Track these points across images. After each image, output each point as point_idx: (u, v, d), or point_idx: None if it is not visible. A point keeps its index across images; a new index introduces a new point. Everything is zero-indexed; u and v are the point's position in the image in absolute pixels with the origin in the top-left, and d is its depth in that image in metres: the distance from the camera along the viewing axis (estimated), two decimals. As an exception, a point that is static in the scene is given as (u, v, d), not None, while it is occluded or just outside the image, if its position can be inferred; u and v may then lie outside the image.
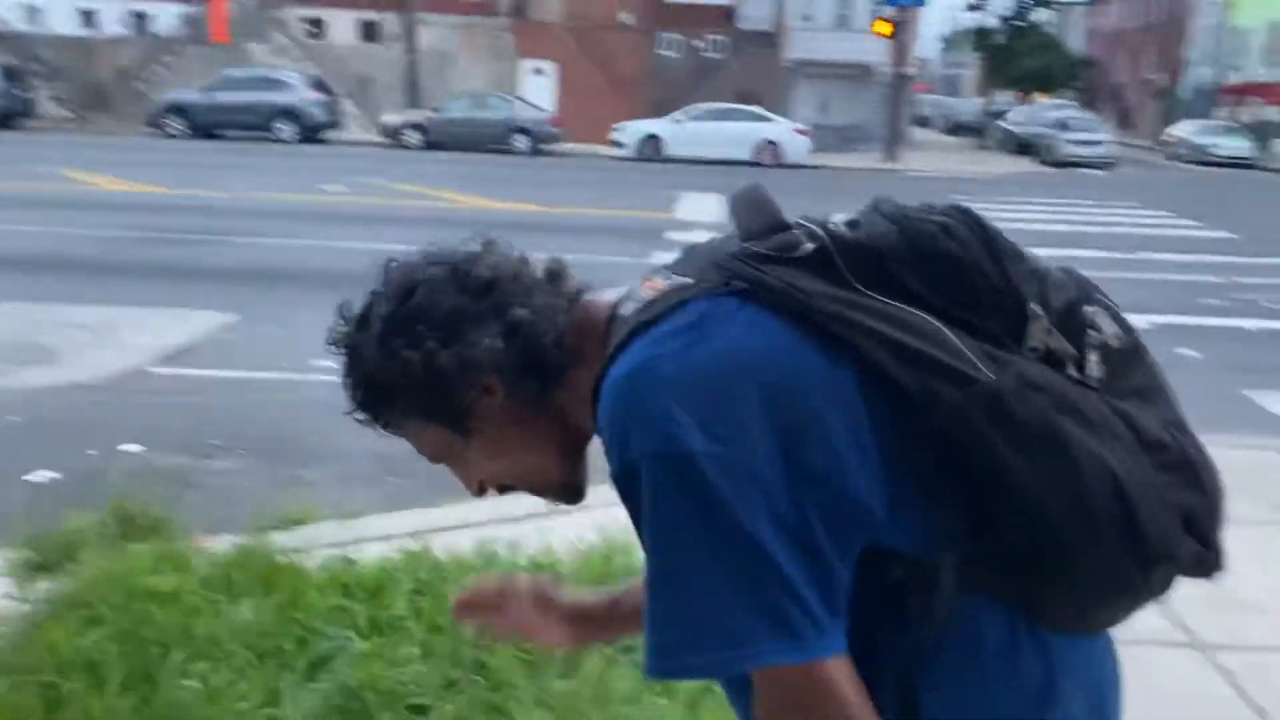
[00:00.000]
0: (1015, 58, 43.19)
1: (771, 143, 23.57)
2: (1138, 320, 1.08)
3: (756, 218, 1.01)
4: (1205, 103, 42.11)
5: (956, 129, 46.76)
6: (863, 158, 27.50)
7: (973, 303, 0.96)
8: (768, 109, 25.63)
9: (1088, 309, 1.02)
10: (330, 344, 1.10)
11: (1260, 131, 33.64)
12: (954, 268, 0.97)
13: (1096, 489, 0.91)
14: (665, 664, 0.93)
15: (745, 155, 22.66)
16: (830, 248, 0.97)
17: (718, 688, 1.42)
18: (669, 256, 1.10)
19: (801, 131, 24.39)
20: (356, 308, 1.09)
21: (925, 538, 0.93)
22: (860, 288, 0.95)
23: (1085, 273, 1.07)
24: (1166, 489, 0.95)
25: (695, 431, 0.88)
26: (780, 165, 22.51)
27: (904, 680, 0.95)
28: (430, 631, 2.74)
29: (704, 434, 0.88)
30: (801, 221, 1.01)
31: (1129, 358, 1.02)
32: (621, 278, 1.12)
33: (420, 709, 2.48)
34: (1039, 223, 14.56)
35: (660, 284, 1.00)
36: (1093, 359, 0.99)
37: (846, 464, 0.90)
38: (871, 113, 30.25)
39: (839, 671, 0.89)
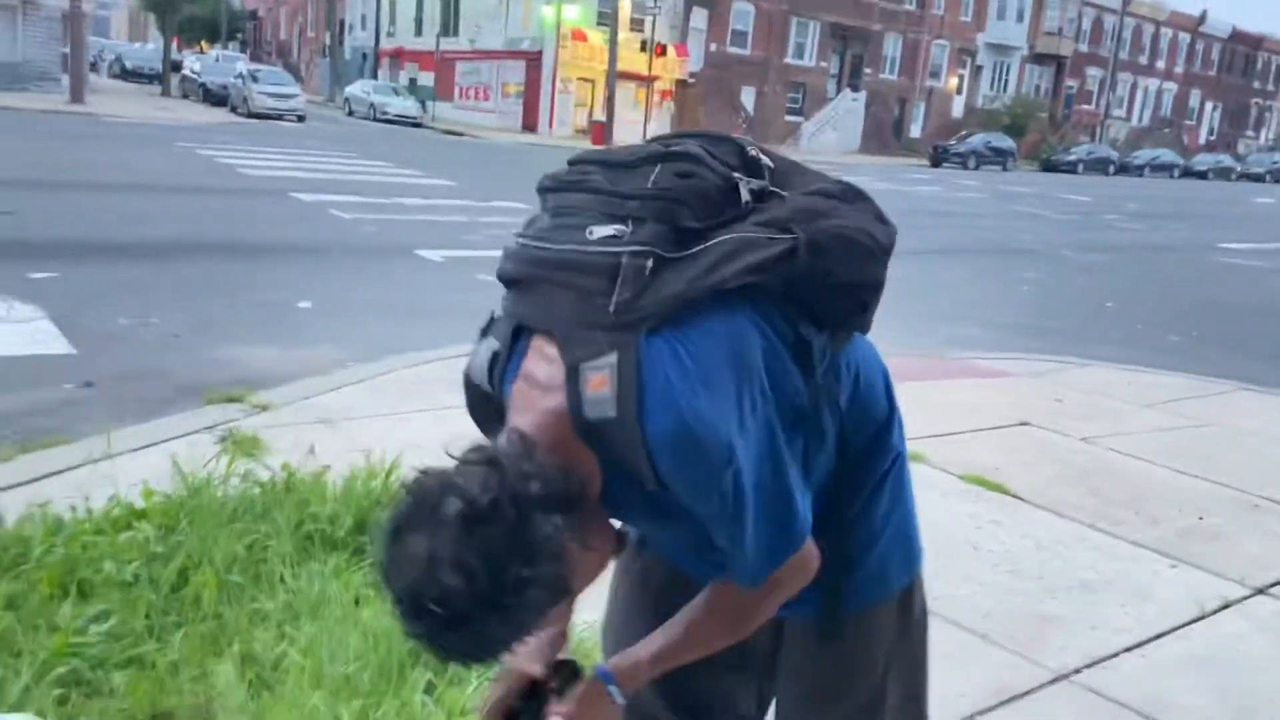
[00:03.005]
0: (177, 3, 41.75)
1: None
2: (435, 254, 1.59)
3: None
4: (365, 63, 46.00)
5: (128, 74, 43.84)
6: (44, 98, 24.52)
7: (727, 205, 1.25)
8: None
9: (750, 151, 1.26)
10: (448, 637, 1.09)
11: (420, 93, 38.13)
12: (709, 194, 1.19)
13: (878, 243, 1.26)
14: (770, 568, 1.23)
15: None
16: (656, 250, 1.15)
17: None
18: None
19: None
20: (432, 577, 1.07)
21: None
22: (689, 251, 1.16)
23: (356, 215, 1.53)
24: None
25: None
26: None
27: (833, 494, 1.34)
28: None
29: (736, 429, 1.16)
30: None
31: (787, 169, 1.29)
32: None
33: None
34: (291, 170, 14.96)
35: (603, 378, 1.12)
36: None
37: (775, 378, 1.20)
38: (39, 49, 27.01)
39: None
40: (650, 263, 1.13)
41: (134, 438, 3.81)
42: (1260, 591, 3.47)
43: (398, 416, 4.41)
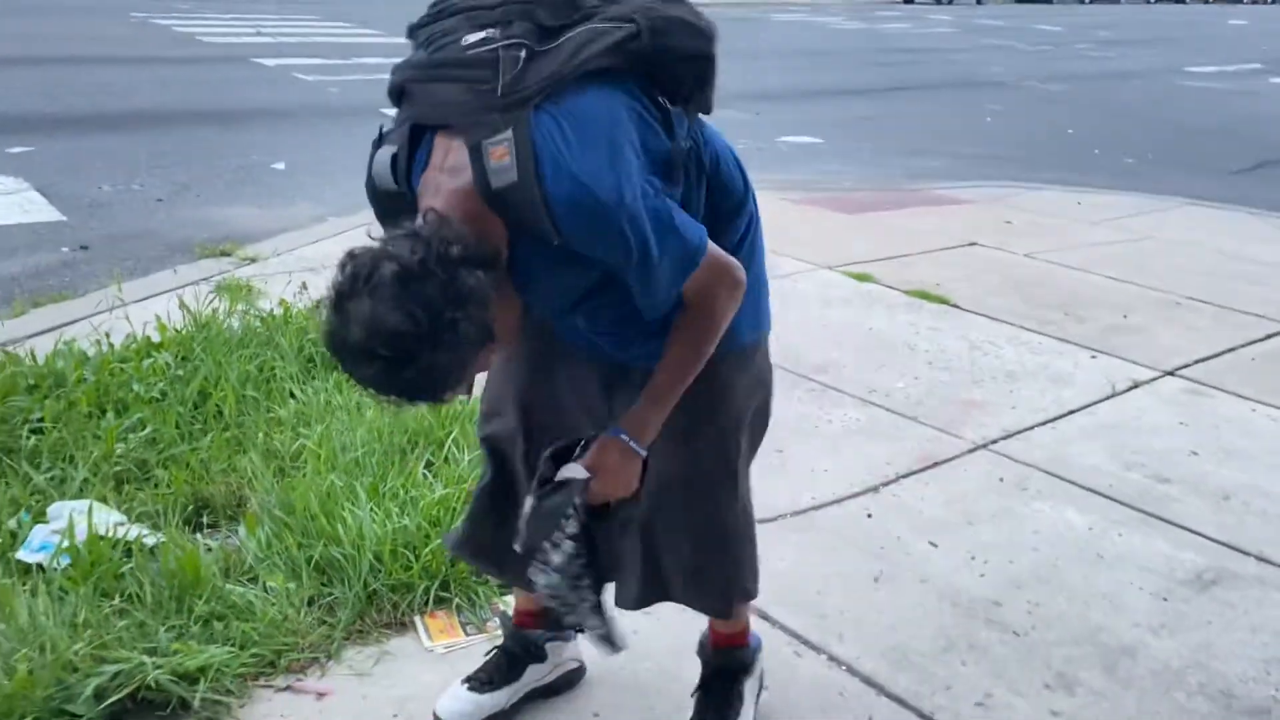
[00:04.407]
0: None
1: None
2: None
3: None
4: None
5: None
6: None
7: (575, 8, 1.43)
8: None
9: None
10: (379, 352, 1.26)
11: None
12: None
13: (703, 21, 1.48)
14: (683, 277, 1.46)
15: None
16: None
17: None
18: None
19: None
20: (380, 326, 1.25)
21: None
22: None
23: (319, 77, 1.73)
24: None
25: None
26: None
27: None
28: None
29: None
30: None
31: None
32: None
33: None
34: (250, 36, 14.72)
35: (503, 150, 1.31)
36: None
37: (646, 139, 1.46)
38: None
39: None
40: (523, 54, 1.36)
41: (137, 289, 4.09)
42: (1169, 374, 3.88)
43: (380, 262, 4.70)
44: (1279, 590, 2.54)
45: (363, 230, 1.42)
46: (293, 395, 2.95)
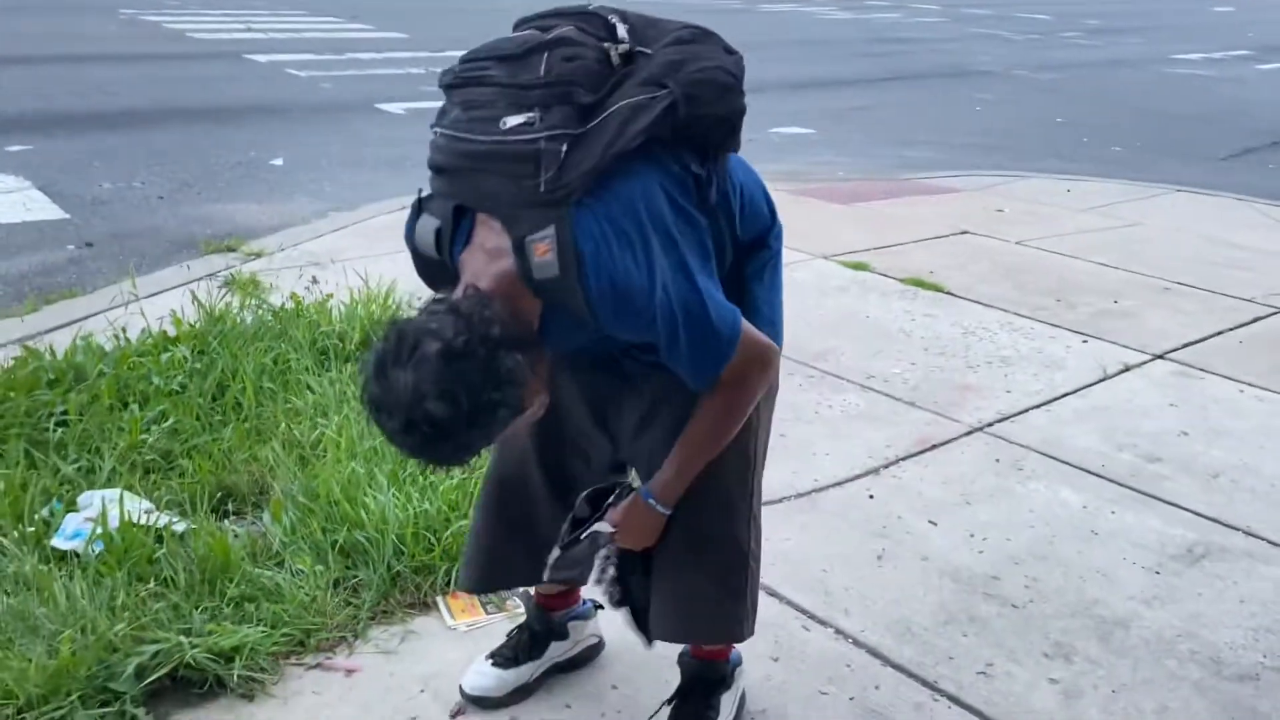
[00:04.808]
0: None
1: None
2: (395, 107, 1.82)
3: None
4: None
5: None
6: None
7: (608, 74, 1.48)
8: None
9: (610, 20, 1.53)
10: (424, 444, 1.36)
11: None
12: (592, 69, 1.46)
13: (733, 76, 1.55)
14: (717, 368, 1.53)
15: None
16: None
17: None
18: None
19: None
20: (421, 402, 1.32)
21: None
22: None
23: (312, 73, 1.79)
24: None
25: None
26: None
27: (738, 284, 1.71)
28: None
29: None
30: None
31: (643, 26, 1.56)
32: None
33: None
34: (240, 32, 14.71)
35: (546, 246, 1.38)
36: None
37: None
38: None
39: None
40: (564, 147, 1.40)
41: (147, 285, 4.15)
42: (1159, 357, 3.98)
43: (383, 256, 4.75)
44: (1266, 563, 2.64)
45: (364, 226, 1.48)
46: (309, 387, 3.02)
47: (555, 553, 1.75)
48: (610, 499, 1.74)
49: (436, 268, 1.53)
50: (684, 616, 1.80)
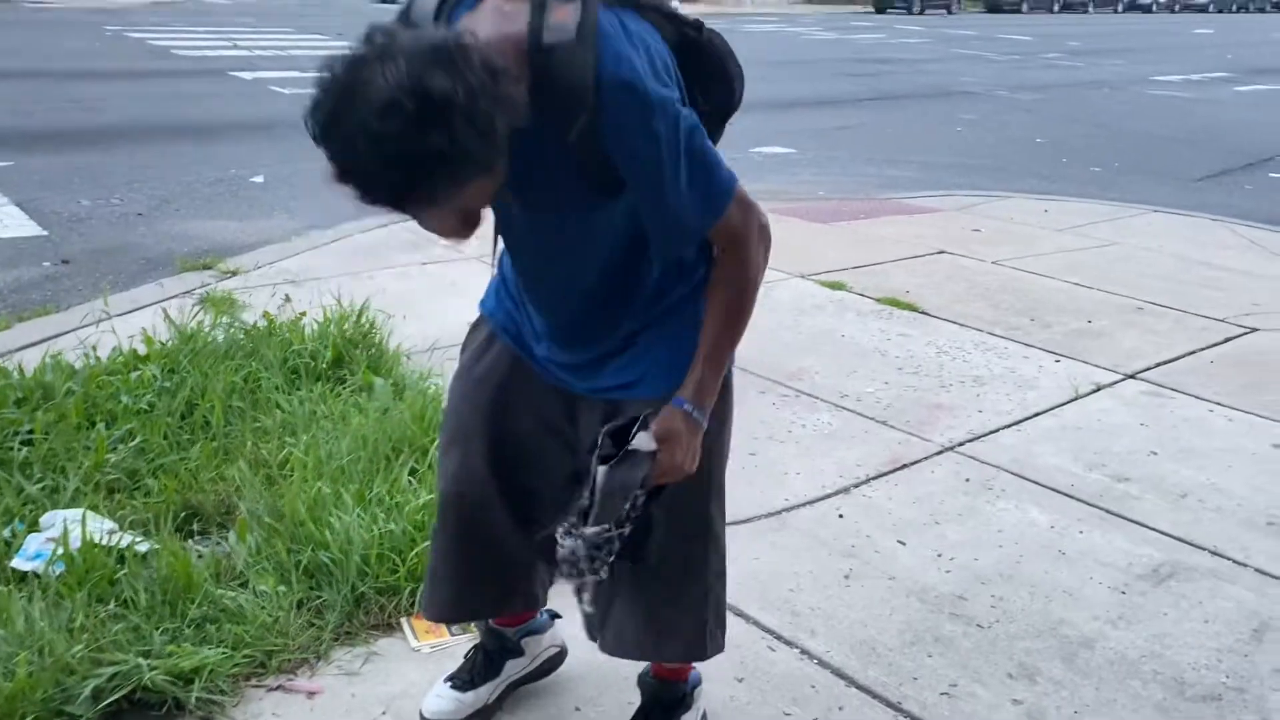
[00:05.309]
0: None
1: None
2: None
3: None
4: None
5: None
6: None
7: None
8: None
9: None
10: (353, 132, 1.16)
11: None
12: None
13: (739, 69, 1.62)
14: (712, 213, 1.44)
15: None
16: None
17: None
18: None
19: None
20: (415, 82, 1.13)
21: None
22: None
23: (295, 91, 1.72)
24: None
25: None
26: None
27: None
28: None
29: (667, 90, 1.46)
30: None
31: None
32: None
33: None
34: (225, 50, 14.73)
35: (567, 11, 1.29)
36: None
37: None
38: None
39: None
40: None
41: (121, 303, 4.14)
42: (1130, 376, 4.00)
43: (359, 275, 4.76)
44: (1231, 582, 2.66)
45: (340, 245, 1.48)
46: (278, 406, 3.01)
47: (601, 475, 1.47)
48: (635, 428, 1.49)
49: None
50: (643, 634, 1.79)
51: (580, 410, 1.71)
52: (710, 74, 1.53)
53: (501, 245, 1.65)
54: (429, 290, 4.51)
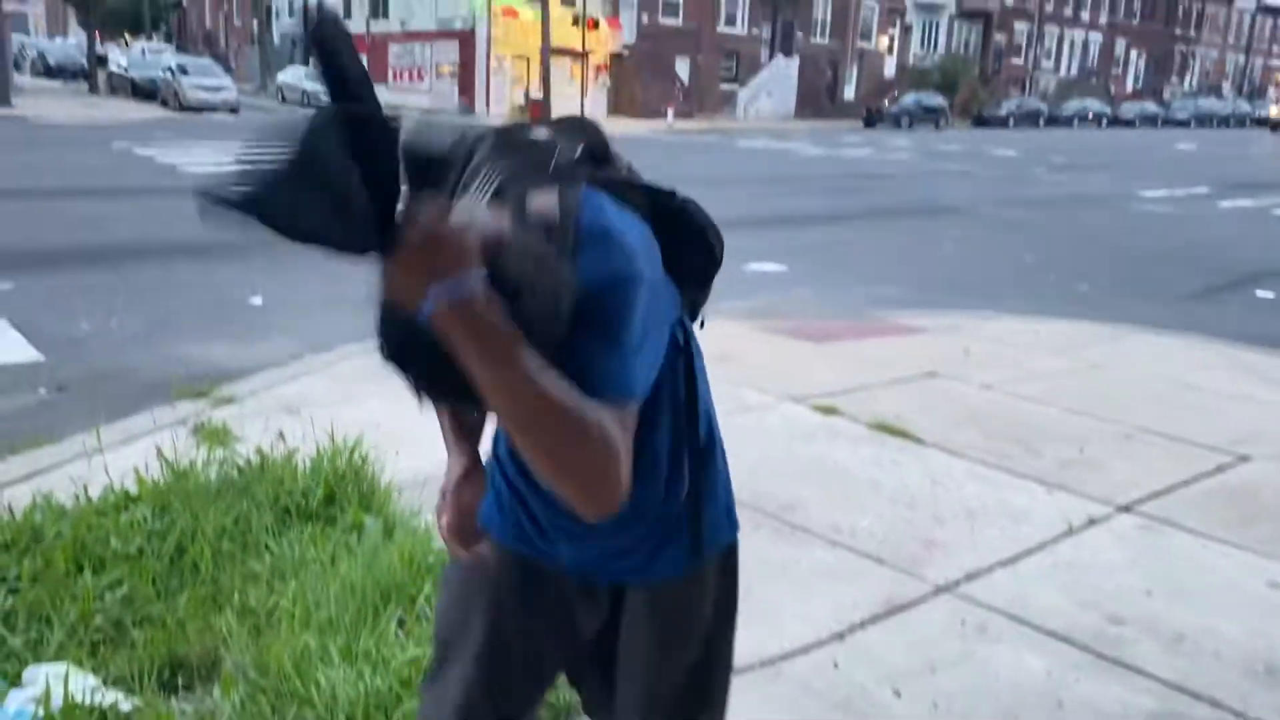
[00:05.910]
0: (99, -5, 41.06)
1: None
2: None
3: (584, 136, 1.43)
4: (295, 50, 45.46)
5: (51, 71, 43.10)
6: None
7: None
8: None
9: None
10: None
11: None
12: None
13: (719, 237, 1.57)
14: (623, 391, 1.28)
15: None
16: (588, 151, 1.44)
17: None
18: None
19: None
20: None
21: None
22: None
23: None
24: None
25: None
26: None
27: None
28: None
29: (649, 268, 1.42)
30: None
31: None
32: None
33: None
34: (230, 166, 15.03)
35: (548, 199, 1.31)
36: None
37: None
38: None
39: None
40: (577, 152, 1.34)
41: (114, 434, 4.15)
42: (1123, 509, 4.00)
43: (354, 402, 4.78)
44: (1232, 734, 2.61)
45: (338, 369, 1.46)
46: (268, 548, 3.00)
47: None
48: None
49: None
50: None
51: (585, 608, 1.63)
52: (689, 241, 1.51)
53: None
54: (425, 417, 4.52)
